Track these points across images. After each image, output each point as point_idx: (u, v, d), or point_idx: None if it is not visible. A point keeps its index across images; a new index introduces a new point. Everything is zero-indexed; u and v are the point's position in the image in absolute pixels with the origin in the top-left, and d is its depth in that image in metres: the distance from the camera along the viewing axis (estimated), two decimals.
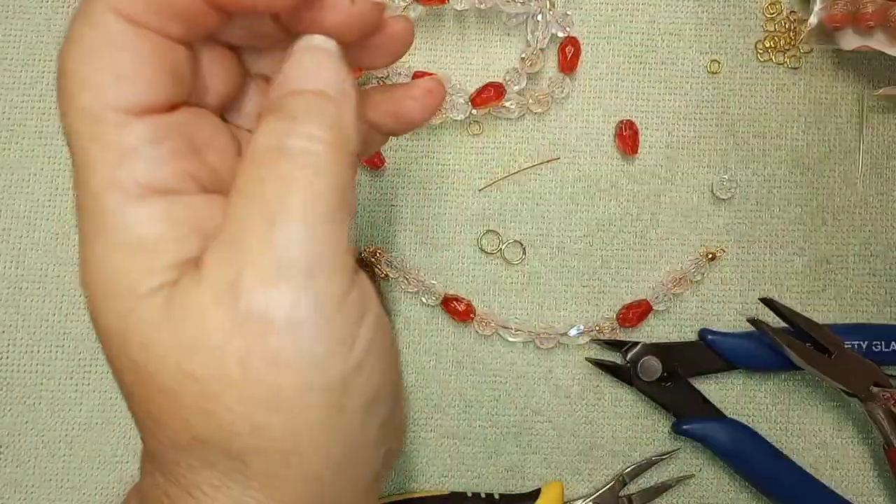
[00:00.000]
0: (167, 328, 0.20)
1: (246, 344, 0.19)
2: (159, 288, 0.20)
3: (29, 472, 0.39)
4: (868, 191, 0.40)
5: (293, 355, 0.20)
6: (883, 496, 0.39)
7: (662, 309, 0.39)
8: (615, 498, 0.38)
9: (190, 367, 0.20)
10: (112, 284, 0.20)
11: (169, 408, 0.20)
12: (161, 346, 0.20)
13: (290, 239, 0.20)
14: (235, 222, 0.20)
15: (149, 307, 0.20)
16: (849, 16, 0.38)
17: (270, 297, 0.19)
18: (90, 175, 0.21)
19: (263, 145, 0.21)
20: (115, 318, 0.20)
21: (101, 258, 0.20)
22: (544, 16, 0.39)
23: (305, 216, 0.20)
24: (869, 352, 0.38)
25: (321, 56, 0.23)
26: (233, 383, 0.20)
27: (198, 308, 0.20)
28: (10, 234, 0.39)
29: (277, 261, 0.20)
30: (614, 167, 0.40)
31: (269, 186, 0.20)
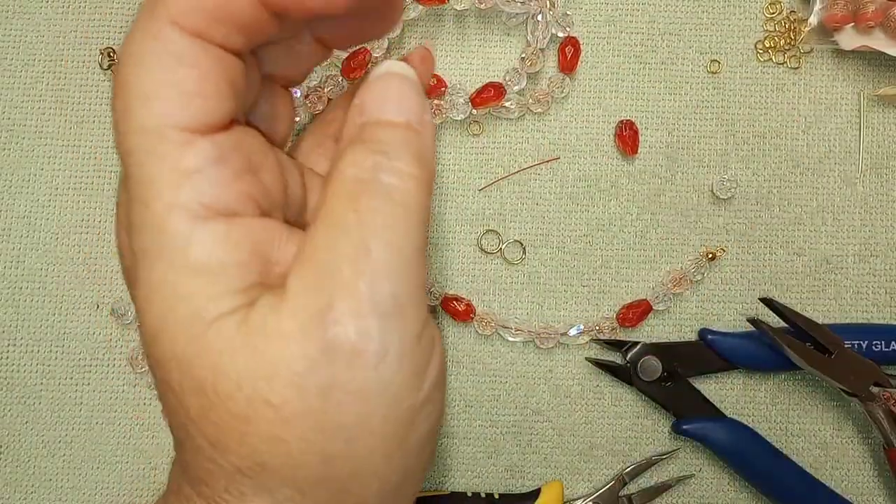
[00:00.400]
0: (244, 353, 0.20)
1: (330, 374, 0.19)
2: (230, 312, 0.20)
3: (29, 472, 0.39)
4: (868, 191, 0.40)
5: (375, 387, 0.20)
6: (883, 496, 0.39)
7: (662, 309, 0.39)
8: (615, 498, 0.38)
9: (268, 393, 0.19)
10: (177, 308, 0.20)
11: (237, 433, 0.20)
12: (237, 372, 0.19)
13: (382, 274, 0.20)
14: (325, 252, 0.20)
15: (222, 332, 0.20)
16: (849, 16, 0.38)
17: (361, 329, 0.20)
18: (152, 196, 0.20)
19: (354, 177, 0.21)
20: (183, 341, 0.20)
21: (164, 281, 0.20)
22: (544, 16, 0.39)
23: (398, 252, 0.20)
24: (869, 351, 0.38)
25: (404, 85, 0.23)
26: (311, 412, 0.19)
27: (280, 335, 0.20)
28: (10, 234, 0.39)
29: (370, 294, 0.20)
30: (614, 167, 0.40)
31: (363, 220, 0.20)
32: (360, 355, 0.20)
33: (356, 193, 0.21)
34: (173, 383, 0.20)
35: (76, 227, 0.40)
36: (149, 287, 0.20)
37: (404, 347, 0.20)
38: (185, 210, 0.20)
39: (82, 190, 0.40)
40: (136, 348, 0.39)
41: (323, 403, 0.19)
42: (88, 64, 0.40)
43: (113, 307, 0.39)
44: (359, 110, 0.23)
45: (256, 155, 0.23)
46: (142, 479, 0.39)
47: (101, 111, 0.40)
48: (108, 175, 0.40)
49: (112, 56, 0.39)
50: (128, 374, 0.39)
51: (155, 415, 0.39)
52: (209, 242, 0.20)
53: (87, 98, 0.40)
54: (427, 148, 0.23)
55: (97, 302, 0.39)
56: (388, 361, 0.20)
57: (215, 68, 0.21)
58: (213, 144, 0.20)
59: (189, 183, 0.20)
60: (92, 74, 0.40)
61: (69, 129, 0.40)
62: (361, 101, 0.23)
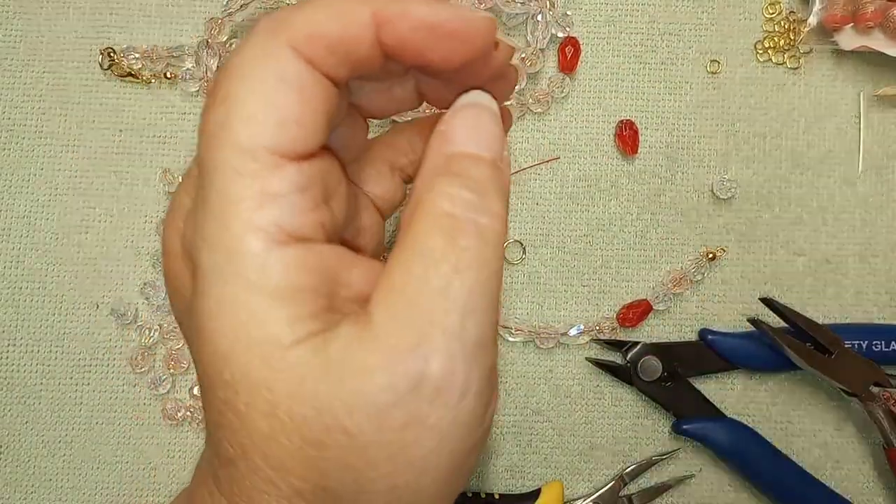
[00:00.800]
0: (326, 382, 0.19)
1: (414, 409, 0.20)
2: (306, 338, 0.20)
3: (29, 472, 0.39)
4: (868, 191, 0.40)
5: (451, 424, 0.20)
6: (883, 496, 0.39)
7: (662, 309, 0.39)
8: (615, 498, 0.38)
9: (347, 423, 0.19)
10: (251, 330, 0.20)
11: (306, 457, 0.20)
12: (317, 399, 0.19)
13: (471, 311, 0.20)
14: (415, 285, 0.20)
15: (301, 358, 0.20)
16: (848, 16, 0.38)
17: (448, 367, 0.20)
18: (232, 214, 0.20)
19: (448, 212, 0.21)
20: (258, 365, 0.20)
21: (237, 301, 0.20)
22: (544, 16, 0.39)
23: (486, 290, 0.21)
24: (869, 351, 0.38)
25: (492, 120, 0.23)
26: (387, 444, 0.20)
27: (365, 367, 0.20)
28: (10, 234, 0.39)
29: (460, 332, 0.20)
30: (614, 167, 0.40)
31: (458, 257, 0.21)
32: (443, 393, 0.20)
33: (451, 229, 0.21)
34: (240, 404, 0.20)
35: (76, 227, 0.40)
36: (219, 305, 0.20)
37: (482, 384, 0.21)
38: (263, 232, 0.20)
39: (82, 190, 0.40)
40: (136, 348, 0.39)
41: (400, 436, 0.20)
42: (88, 64, 0.40)
43: (113, 307, 0.39)
44: (445, 139, 0.23)
45: (332, 183, 0.23)
46: (142, 479, 0.39)
47: (101, 111, 0.40)
48: (108, 175, 0.40)
49: (112, 56, 0.39)
50: (128, 374, 0.39)
51: (154, 415, 0.39)
52: (285, 267, 0.20)
53: (87, 98, 0.40)
54: (507, 186, 0.23)
55: (97, 302, 0.39)
56: (467, 399, 0.20)
57: (318, 97, 0.21)
58: (300, 171, 0.20)
59: (271, 206, 0.20)
60: (92, 74, 0.40)
61: (69, 129, 0.40)
62: (449, 130, 0.23)
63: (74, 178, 0.40)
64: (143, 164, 0.40)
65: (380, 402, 0.19)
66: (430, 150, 0.23)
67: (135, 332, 0.39)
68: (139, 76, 0.40)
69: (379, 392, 0.19)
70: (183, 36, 0.40)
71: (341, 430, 0.19)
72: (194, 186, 0.22)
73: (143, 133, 0.40)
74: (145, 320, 0.39)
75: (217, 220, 0.20)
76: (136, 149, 0.40)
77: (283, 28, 0.20)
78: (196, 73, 0.39)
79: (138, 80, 0.40)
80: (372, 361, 0.20)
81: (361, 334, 0.20)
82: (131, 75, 0.40)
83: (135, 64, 0.40)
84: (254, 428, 0.20)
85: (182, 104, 0.40)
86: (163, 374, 0.39)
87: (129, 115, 0.40)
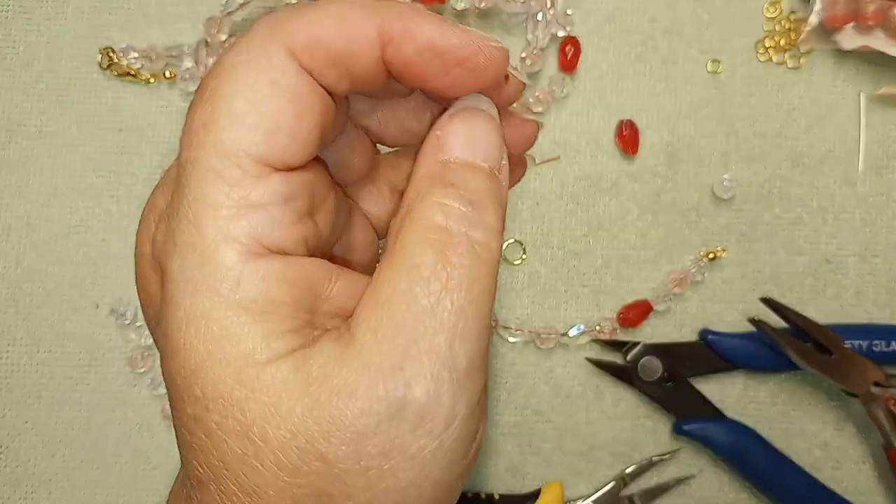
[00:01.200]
0: (303, 403, 0.18)
1: (394, 435, 0.18)
2: (284, 355, 0.19)
3: (29, 472, 0.39)
4: (868, 191, 0.40)
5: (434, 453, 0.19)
6: (883, 496, 0.39)
7: (663, 309, 0.39)
8: (616, 498, 0.38)
9: (324, 448, 0.18)
10: (224, 346, 0.19)
11: (280, 482, 0.19)
12: (292, 422, 0.18)
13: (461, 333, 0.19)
14: (400, 303, 0.19)
15: (277, 376, 0.18)
16: (849, 15, 0.38)
17: (433, 393, 0.19)
18: (207, 219, 0.19)
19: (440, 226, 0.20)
20: (231, 383, 0.18)
21: (209, 316, 0.19)
22: (544, 15, 0.39)
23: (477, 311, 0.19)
24: (869, 351, 0.38)
25: (490, 126, 0.22)
26: (365, 471, 0.18)
27: (346, 389, 0.18)
28: (10, 234, 0.39)
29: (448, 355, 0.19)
30: (615, 167, 0.40)
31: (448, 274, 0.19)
32: (427, 420, 0.19)
33: (442, 244, 0.20)
34: (210, 422, 0.19)
35: (76, 227, 0.40)
36: (189, 317, 0.19)
37: (469, 412, 0.19)
38: (237, 244, 0.19)
39: (82, 190, 0.40)
40: (136, 348, 0.39)
41: (379, 464, 0.18)
42: (88, 63, 0.40)
43: (113, 307, 0.39)
44: (440, 144, 0.22)
45: (319, 195, 0.22)
46: (142, 479, 0.39)
47: (100, 111, 0.40)
48: (108, 175, 0.40)
49: (111, 56, 0.39)
50: (127, 374, 0.39)
51: (154, 415, 0.39)
52: (262, 280, 0.19)
53: (87, 98, 0.40)
54: (505, 197, 0.22)
55: (97, 302, 0.39)
56: (453, 427, 0.19)
57: (312, 109, 0.20)
58: (285, 183, 0.19)
59: (250, 216, 0.19)
60: (92, 74, 0.40)
61: (69, 129, 0.40)
62: (445, 135, 0.22)
63: (74, 178, 0.40)
64: (143, 164, 0.40)
65: (358, 427, 0.18)
66: (423, 154, 0.22)
67: (134, 332, 0.39)
68: (138, 76, 0.40)
69: (358, 416, 0.18)
70: (182, 35, 0.40)
71: (317, 456, 0.18)
72: (171, 187, 0.21)
73: (142, 133, 0.40)
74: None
75: (191, 225, 0.19)
76: (135, 148, 0.40)
77: (283, 31, 0.19)
78: (195, 73, 0.39)
79: (137, 79, 0.40)
80: (352, 382, 0.18)
81: (343, 352, 0.19)
82: (130, 75, 0.40)
83: (134, 63, 0.40)
84: (225, 449, 0.19)
85: (181, 104, 0.40)
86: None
87: (128, 114, 0.40)
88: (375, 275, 0.20)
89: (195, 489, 0.20)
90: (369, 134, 0.25)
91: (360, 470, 0.18)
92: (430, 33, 0.20)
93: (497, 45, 0.21)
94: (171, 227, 0.19)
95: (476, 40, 0.20)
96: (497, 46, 0.21)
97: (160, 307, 0.20)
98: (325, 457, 0.18)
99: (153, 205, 0.22)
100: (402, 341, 0.19)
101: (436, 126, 0.23)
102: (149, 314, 0.22)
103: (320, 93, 0.20)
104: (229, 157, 0.19)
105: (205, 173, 0.19)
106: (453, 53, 0.20)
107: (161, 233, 0.20)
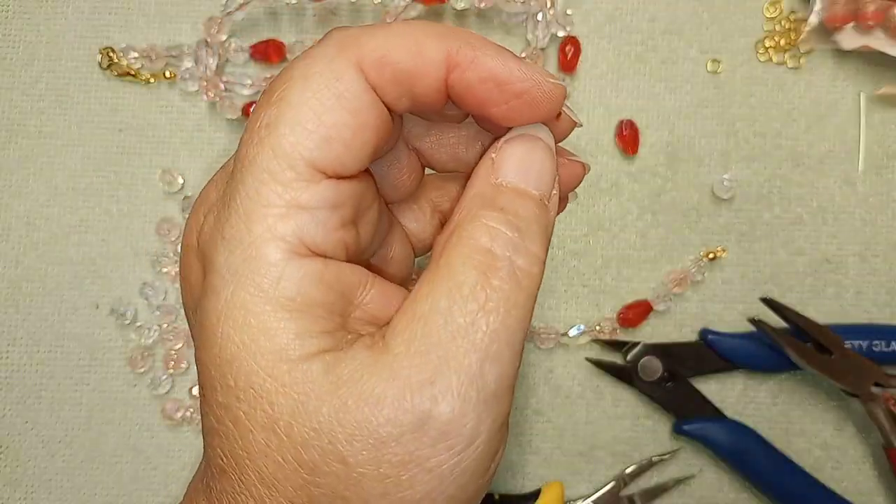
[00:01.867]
0: (330, 404, 0.19)
1: (415, 448, 0.19)
2: (316, 354, 0.19)
3: (29, 472, 0.39)
4: (868, 190, 0.40)
5: (452, 469, 0.19)
6: (883, 496, 0.39)
7: (663, 309, 0.39)
8: (616, 498, 0.38)
9: (345, 450, 0.19)
10: (260, 340, 0.19)
11: (299, 478, 0.19)
12: (318, 420, 0.19)
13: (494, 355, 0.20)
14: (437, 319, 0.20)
15: (307, 374, 0.19)
16: (849, 15, 0.38)
17: (459, 411, 0.19)
18: (257, 217, 0.20)
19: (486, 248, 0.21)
20: (263, 375, 0.19)
21: (248, 308, 0.19)
22: (544, 15, 0.39)
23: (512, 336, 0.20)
24: (869, 352, 0.38)
25: (546, 155, 0.23)
26: (382, 478, 0.19)
27: (373, 396, 0.19)
28: (10, 234, 0.39)
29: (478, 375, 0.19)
30: (615, 166, 0.40)
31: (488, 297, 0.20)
32: (449, 437, 0.19)
33: (486, 267, 0.20)
34: (239, 412, 0.20)
35: (76, 227, 0.40)
36: (228, 308, 0.20)
37: (491, 435, 0.20)
38: (283, 242, 0.19)
39: (82, 190, 0.40)
40: (136, 348, 0.39)
41: (397, 473, 0.19)
42: (88, 63, 0.40)
43: (113, 307, 0.39)
44: (493, 167, 0.22)
45: (364, 205, 0.22)
46: (142, 479, 0.39)
47: (100, 110, 0.40)
48: (108, 175, 0.40)
49: (111, 55, 0.39)
50: (127, 374, 0.39)
51: (154, 415, 0.39)
52: (301, 280, 0.19)
53: (86, 97, 0.40)
54: (551, 227, 0.22)
55: (97, 302, 0.39)
56: (474, 447, 0.19)
57: (371, 123, 0.20)
58: (335, 190, 0.20)
59: (297, 217, 0.20)
60: (92, 74, 0.40)
61: (69, 129, 0.40)
62: (500, 159, 0.23)
63: (74, 178, 0.40)
64: (143, 164, 0.40)
65: (382, 435, 0.19)
66: (476, 175, 0.23)
67: (134, 332, 0.39)
68: (138, 75, 0.40)
69: (383, 424, 0.19)
70: (182, 35, 0.40)
71: (338, 458, 0.19)
72: (224, 181, 0.22)
73: (142, 132, 0.40)
74: (145, 320, 0.39)
75: (241, 220, 0.20)
76: (135, 148, 0.40)
77: (354, 46, 0.20)
78: (195, 73, 0.39)
79: (137, 79, 0.40)
80: (380, 390, 0.19)
81: (375, 359, 0.19)
82: (130, 75, 0.40)
83: (134, 63, 0.40)
84: (250, 439, 0.19)
85: (181, 103, 0.40)
86: (162, 375, 0.39)
87: (128, 114, 0.40)
88: (416, 287, 0.21)
89: (215, 478, 0.21)
90: (420, 156, 0.25)
91: (379, 476, 0.19)
92: (494, 63, 0.21)
93: (556, 83, 0.22)
94: (221, 220, 0.20)
95: (536, 75, 0.21)
96: (555, 83, 0.22)
97: (199, 297, 0.21)
98: (346, 460, 0.19)
99: (205, 198, 0.23)
100: (434, 357, 0.19)
101: (491, 149, 0.23)
102: (187, 302, 0.23)
103: (380, 109, 0.21)
104: (286, 159, 0.20)
105: (260, 172, 0.20)
106: (513, 85, 0.21)
107: (209, 224, 0.21)
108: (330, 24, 0.40)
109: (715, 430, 0.38)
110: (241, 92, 0.39)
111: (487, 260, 0.20)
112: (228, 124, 0.40)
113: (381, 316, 0.22)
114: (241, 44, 0.39)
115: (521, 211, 0.22)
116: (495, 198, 0.22)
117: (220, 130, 0.40)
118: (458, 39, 0.21)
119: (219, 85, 0.38)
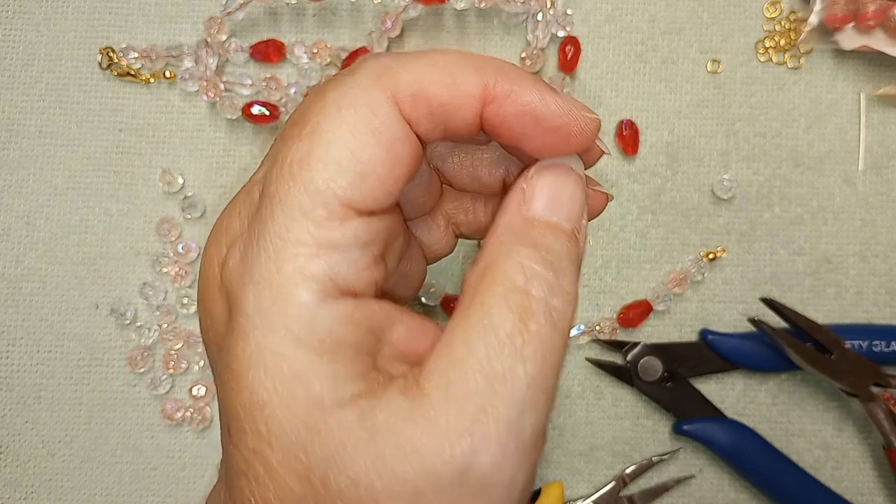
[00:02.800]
0: (367, 454, 0.18)
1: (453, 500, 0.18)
2: (350, 401, 0.19)
3: (29, 472, 0.39)
4: (868, 190, 0.40)
5: None
6: (883, 496, 0.39)
7: (663, 309, 0.39)
8: (616, 498, 0.38)
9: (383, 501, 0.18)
10: (293, 386, 0.19)
11: None
12: (354, 471, 0.18)
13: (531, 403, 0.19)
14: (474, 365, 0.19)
15: (342, 423, 0.18)
16: (849, 15, 0.38)
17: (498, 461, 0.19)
18: (287, 256, 0.19)
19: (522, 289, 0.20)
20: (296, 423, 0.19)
21: (279, 353, 0.19)
22: (544, 15, 0.39)
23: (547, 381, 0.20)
24: (869, 352, 0.38)
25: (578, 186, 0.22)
26: None
27: (412, 448, 0.18)
28: (10, 234, 0.39)
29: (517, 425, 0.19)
30: (614, 167, 0.40)
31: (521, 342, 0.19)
32: (489, 488, 0.19)
33: (522, 309, 0.20)
34: (272, 460, 0.19)
35: (76, 227, 0.40)
36: (259, 352, 0.19)
37: (526, 483, 0.20)
38: (314, 282, 0.19)
39: (82, 190, 0.40)
40: (136, 348, 0.39)
41: None
42: (87, 63, 0.40)
43: (113, 307, 0.39)
44: (525, 199, 0.22)
45: (392, 238, 0.22)
46: (141, 479, 0.39)
47: (100, 111, 0.40)
48: (107, 175, 0.40)
49: (111, 55, 0.39)
50: (127, 374, 0.39)
51: (154, 415, 0.39)
52: (332, 321, 0.19)
53: (86, 98, 0.40)
54: (581, 259, 0.22)
55: (97, 302, 0.39)
56: (510, 497, 0.19)
57: (404, 156, 0.20)
58: (366, 227, 0.20)
59: (329, 257, 0.19)
60: (92, 74, 0.40)
61: (68, 129, 0.40)
62: (531, 189, 0.22)
63: (74, 178, 0.40)
64: (143, 164, 0.40)
65: (420, 486, 0.18)
66: (507, 205, 0.22)
67: (134, 332, 0.39)
68: (138, 75, 0.40)
69: (421, 475, 0.18)
70: (182, 35, 0.40)
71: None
72: (248, 210, 0.21)
73: (142, 133, 0.40)
74: (144, 320, 0.39)
75: (270, 259, 0.19)
76: (135, 148, 0.40)
77: (390, 78, 0.20)
78: (195, 73, 0.39)
79: (137, 79, 0.40)
80: (417, 440, 0.18)
81: (411, 406, 0.19)
82: (130, 75, 0.40)
83: (134, 63, 0.40)
84: (284, 487, 0.19)
85: (181, 103, 0.40)
86: (162, 375, 0.39)
87: (128, 114, 0.40)
88: (450, 328, 0.20)
89: None
90: (440, 174, 0.25)
91: None
92: (532, 98, 0.20)
93: (592, 117, 0.21)
94: (250, 259, 0.20)
95: (573, 111, 0.21)
96: (591, 118, 0.21)
97: (223, 334, 0.20)
98: None
99: (226, 227, 0.22)
100: (471, 406, 0.19)
101: (522, 177, 0.23)
102: (209, 337, 0.22)
103: (413, 142, 0.20)
104: (319, 197, 0.19)
105: (291, 210, 0.19)
106: (550, 120, 0.21)
107: (234, 259, 0.21)
108: (330, 23, 0.40)
109: (715, 430, 0.38)
110: (241, 92, 0.39)
111: (524, 302, 0.20)
112: (228, 124, 0.40)
113: (410, 352, 0.21)
114: (241, 44, 0.39)
115: (555, 246, 0.21)
116: (528, 232, 0.21)
117: (220, 130, 0.40)
118: (494, 72, 0.20)
119: (219, 85, 0.38)
